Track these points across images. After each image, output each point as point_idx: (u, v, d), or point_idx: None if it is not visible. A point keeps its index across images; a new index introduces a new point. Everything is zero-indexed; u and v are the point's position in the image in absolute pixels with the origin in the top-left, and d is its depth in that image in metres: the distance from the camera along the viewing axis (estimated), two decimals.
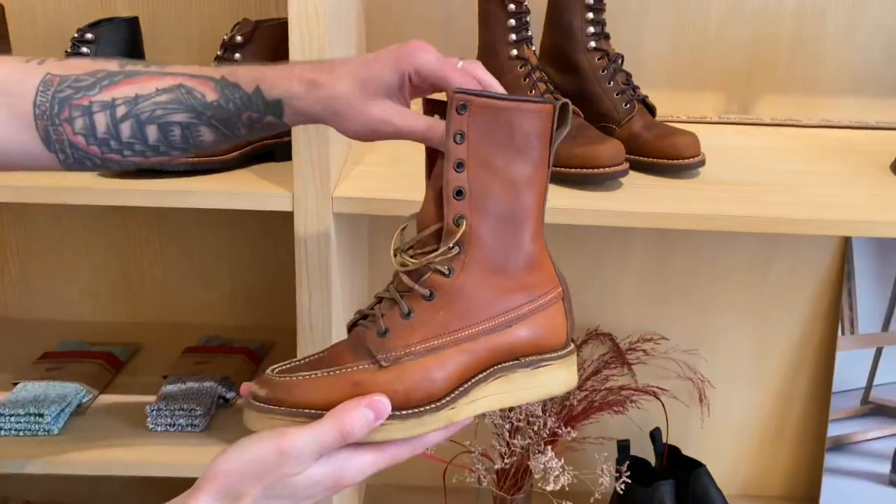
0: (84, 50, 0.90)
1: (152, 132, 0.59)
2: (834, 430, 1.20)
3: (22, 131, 0.57)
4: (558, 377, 0.60)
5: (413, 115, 0.60)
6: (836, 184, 0.88)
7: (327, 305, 0.85)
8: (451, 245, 0.56)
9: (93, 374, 1.03)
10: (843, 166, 0.94)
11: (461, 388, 0.56)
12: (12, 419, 0.92)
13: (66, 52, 0.91)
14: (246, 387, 0.58)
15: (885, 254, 1.16)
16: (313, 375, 0.55)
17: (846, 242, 1.16)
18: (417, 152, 0.63)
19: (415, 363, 0.55)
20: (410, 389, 0.54)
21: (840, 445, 1.21)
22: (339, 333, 0.87)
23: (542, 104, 0.56)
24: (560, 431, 1.00)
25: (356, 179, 0.85)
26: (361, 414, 0.52)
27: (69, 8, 1.08)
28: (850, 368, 1.19)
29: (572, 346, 0.61)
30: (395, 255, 0.59)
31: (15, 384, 1.00)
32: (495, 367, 0.58)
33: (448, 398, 0.56)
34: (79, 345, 1.11)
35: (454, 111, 0.55)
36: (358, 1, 0.95)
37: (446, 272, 0.56)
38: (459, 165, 0.56)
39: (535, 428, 1.00)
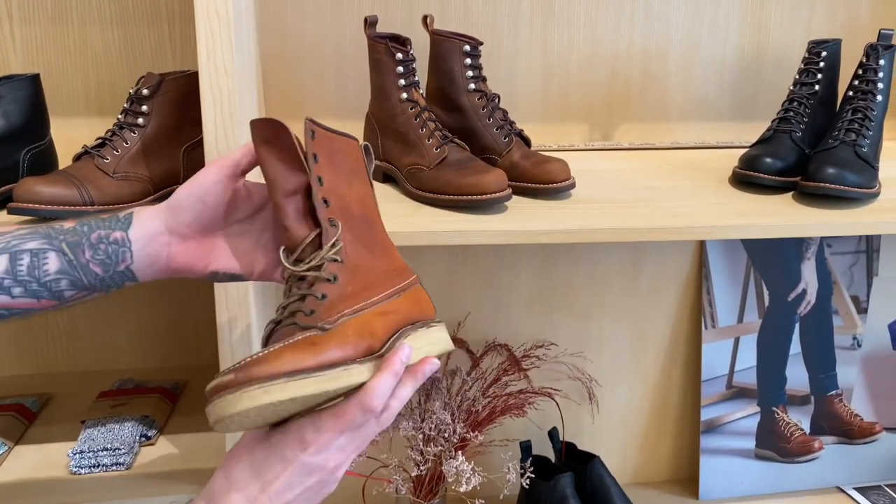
0: None
1: (1, 263, 0.60)
2: (706, 415, 1.35)
3: None
4: (446, 337, 0.70)
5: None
6: (685, 196, 1.02)
7: (247, 337, 0.90)
8: (335, 241, 0.65)
9: (6, 427, 1.03)
10: (690, 181, 1.09)
11: (386, 345, 0.63)
12: None
13: None
14: (210, 393, 0.60)
15: (733, 255, 1.33)
16: (272, 349, 0.58)
17: (702, 247, 1.32)
18: None
19: (354, 320, 0.62)
20: (359, 339, 0.61)
21: (712, 428, 1.36)
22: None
23: (351, 138, 0.71)
24: (469, 436, 1.09)
25: None
26: (402, 355, 0.61)
27: None
28: (714, 358, 1.35)
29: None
30: (287, 273, 0.66)
31: None
32: (404, 329, 0.65)
33: (383, 349, 0.63)
34: None
35: (308, 136, 0.66)
36: (256, 56, 1.02)
37: (340, 259, 0.65)
38: (320, 181, 0.66)
39: (446, 435, 1.08)
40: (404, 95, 0.98)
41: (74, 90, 1.12)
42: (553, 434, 1.27)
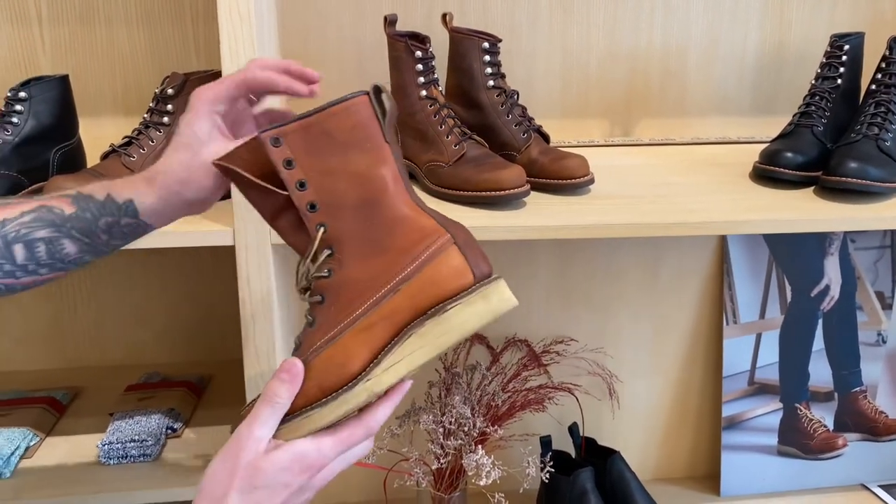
0: (18, 108, 0.95)
1: (19, 252, 0.62)
2: (727, 411, 1.35)
3: None
4: (474, 311, 0.60)
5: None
6: (704, 191, 1.03)
7: (269, 332, 0.92)
8: (315, 251, 0.60)
9: (37, 419, 1.06)
10: (710, 176, 1.09)
11: (374, 360, 0.59)
12: None
13: (0, 111, 0.96)
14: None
15: (755, 250, 1.32)
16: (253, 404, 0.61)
17: (723, 242, 1.31)
18: None
19: (318, 358, 0.59)
20: (321, 380, 0.59)
21: (733, 424, 1.36)
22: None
23: (348, 101, 0.60)
24: (488, 430, 1.10)
25: None
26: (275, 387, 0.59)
27: None
28: (736, 354, 1.34)
29: (488, 278, 0.61)
30: (297, 287, 0.63)
31: None
32: (406, 329, 0.59)
33: (362, 373, 0.59)
34: (18, 393, 1.14)
35: (269, 149, 0.59)
36: (278, 55, 1.04)
37: (326, 274, 0.60)
38: (301, 185, 0.60)
39: (466, 429, 1.09)
40: (423, 93, 0.99)
41: (102, 90, 1.15)
42: (573, 429, 1.28)
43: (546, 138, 1.05)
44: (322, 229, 0.60)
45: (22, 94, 0.96)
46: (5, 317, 1.23)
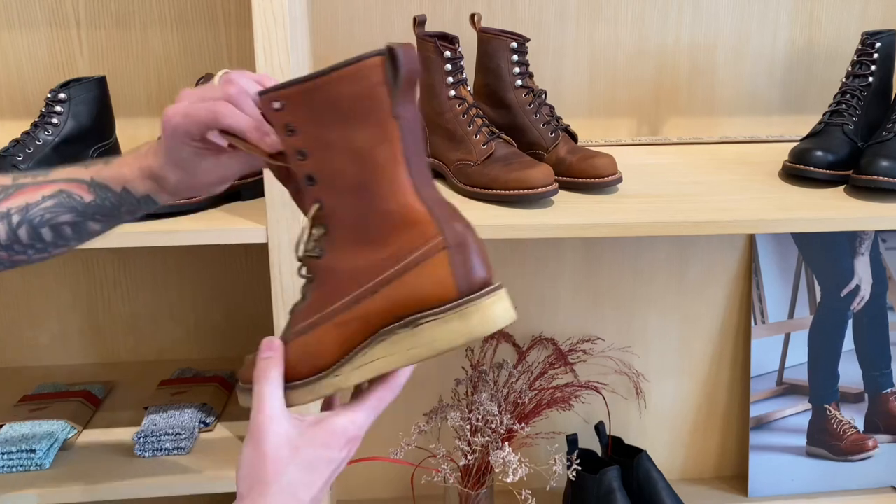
0: (58, 109, 0.98)
1: (47, 233, 0.64)
2: (755, 411, 1.34)
3: None
4: (447, 331, 0.53)
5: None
6: (733, 190, 1.02)
7: None
8: (311, 229, 0.57)
9: (74, 412, 1.09)
10: (739, 175, 1.09)
11: (345, 358, 0.57)
12: (4, 457, 0.98)
13: (41, 111, 0.99)
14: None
15: (784, 250, 1.31)
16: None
17: (751, 241, 1.31)
18: None
19: (296, 341, 0.58)
20: (296, 363, 0.58)
21: (761, 425, 1.35)
22: None
23: (357, 63, 0.52)
24: (515, 428, 1.11)
25: None
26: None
27: (31, 70, 1.16)
28: (764, 354, 1.34)
29: (478, 291, 0.54)
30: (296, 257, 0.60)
31: (0, 426, 1.05)
32: (379, 332, 0.55)
33: (331, 368, 0.57)
34: (56, 387, 1.17)
35: (270, 112, 0.55)
36: (309, 56, 1.06)
37: (317, 254, 0.57)
38: (301, 154, 0.55)
39: (493, 426, 1.10)
40: (452, 93, 1.00)
41: (136, 91, 1.17)
42: (600, 428, 1.28)
43: (574, 137, 1.05)
44: (317, 206, 0.56)
45: (62, 96, 0.98)
46: (44, 315, 1.26)
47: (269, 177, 0.88)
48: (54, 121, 0.98)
